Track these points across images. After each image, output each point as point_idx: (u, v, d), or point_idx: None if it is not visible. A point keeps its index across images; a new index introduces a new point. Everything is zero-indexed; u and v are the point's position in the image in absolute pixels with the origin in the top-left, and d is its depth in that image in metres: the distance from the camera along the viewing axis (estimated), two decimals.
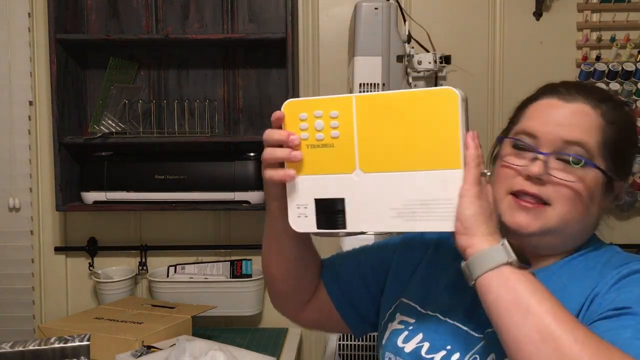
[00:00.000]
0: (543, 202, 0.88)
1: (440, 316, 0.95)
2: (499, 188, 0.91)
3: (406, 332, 0.96)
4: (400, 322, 0.99)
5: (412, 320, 0.97)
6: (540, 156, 0.88)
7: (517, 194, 0.89)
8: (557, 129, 0.89)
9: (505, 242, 0.77)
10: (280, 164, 0.85)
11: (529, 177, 0.88)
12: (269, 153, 0.85)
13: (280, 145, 0.85)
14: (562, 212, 0.88)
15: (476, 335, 0.90)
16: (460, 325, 0.92)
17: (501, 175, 0.92)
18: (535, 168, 0.87)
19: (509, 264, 0.76)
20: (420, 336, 0.94)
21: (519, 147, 0.92)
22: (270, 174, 0.86)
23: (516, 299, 0.74)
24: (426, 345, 0.93)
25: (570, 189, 0.87)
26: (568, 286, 0.87)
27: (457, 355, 0.89)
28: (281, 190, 0.87)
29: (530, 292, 0.74)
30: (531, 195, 0.88)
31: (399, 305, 1.01)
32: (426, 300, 0.99)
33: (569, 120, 0.89)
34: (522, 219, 0.88)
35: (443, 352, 0.90)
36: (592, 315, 0.81)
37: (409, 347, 0.94)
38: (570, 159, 0.88)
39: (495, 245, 0.77)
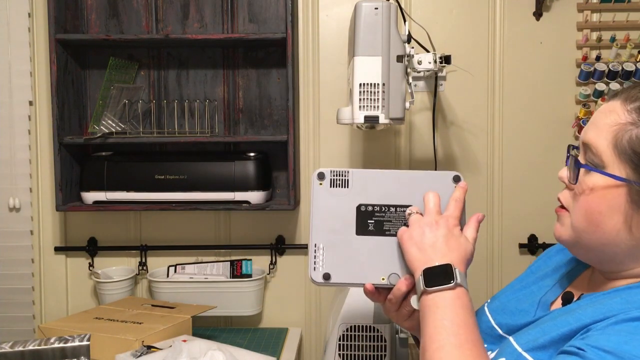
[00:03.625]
0: (563, 206, 0.86)
1: (489, 315, 0.97)
2: None
3: None
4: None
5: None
6: (568, 159, 0.86)
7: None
8: (586, 131, 0.83)
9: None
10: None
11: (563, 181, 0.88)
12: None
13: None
14: (577, 221, 0.82)
15: (502, 334, 0.92)
16: (495, 325, 0.94)
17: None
18: (563, 170, 0.87)
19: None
20: None
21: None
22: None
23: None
24: None
25: (582, 197, 0.81)
26: (579, 313, 0.79)
27: (491, 354, 0.88)
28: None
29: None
30: (560, 201, 0.88)
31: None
32: (495, 300, 1.02)
33: (593, 122, 0.83)
34: (556, 226, 0.88)
35: None
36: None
37: None
38: (584, 164, 0.81)
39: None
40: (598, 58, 1.98)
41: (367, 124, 1.54)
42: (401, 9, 1.75)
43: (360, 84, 1.50)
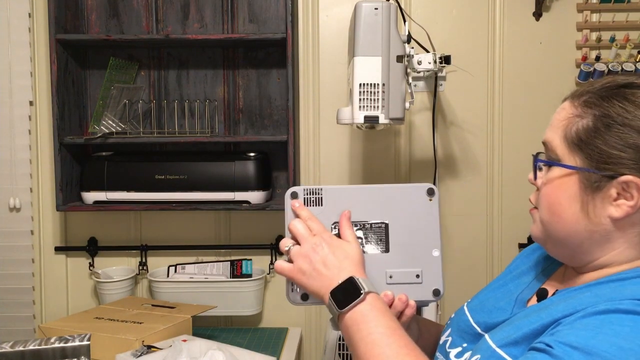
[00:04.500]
0: (534, 206, 0.90)
1: (468, 314, 0.98)
2: None
3: (446, 331, 1.00)
4: (447, 325, 1.02)
5: (448, 322, 1.02)
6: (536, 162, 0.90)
7: None
8: (546, 131, 0.89)
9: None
10: None
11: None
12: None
13: None
14: (542, 215, 0.87)
15: (480, 332, 0.92)
16: (475, 325, 0.94)
17: None
18: (530, 173, 0.90)
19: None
20: (448, 331, 0.99)
21: None
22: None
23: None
24: (449, 340, 0.96)
25: (543, 191, 0.87)
26: (551, 308, 0.80)
27: (468, 353, 0.89)
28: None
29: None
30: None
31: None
32: (475, 299, 1.02)
33: (551, 122, 0.88)
34: (531, 226, 0.91)
35: (459, 349, 0.93)
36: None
37: (442, 340, 0.99)
38: (542, 161, 0.87)
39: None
40: (598, 58, 1.98)
41: (367, 124, 1.54)
42: (401, 9, 1.76)
43: (360, 84, 1.50)
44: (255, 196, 1.94)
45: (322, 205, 0.93)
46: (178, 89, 2.09)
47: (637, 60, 1.97)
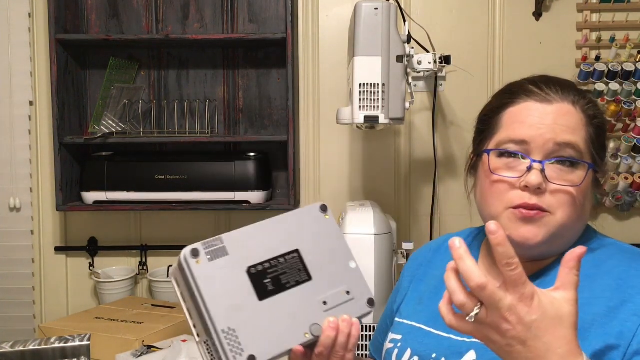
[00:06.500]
0: (544, 210, 0.85)
1: (424, 327, 0.95)
2: (494, 204, 0.88)
3: (397, 350, 0.96)
4: (391, 341, 0.98)
5: (399, 337, 0.97)
6: (536, 164, 0.84)
7: (515, 205, 0.86)
8: (547, 132, 0.85)
9: None
10: None
11: (527, 188, 0.85)
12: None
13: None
14: (564, 218, 0.85)
15: (460, 339, 0.90)
16: (443, 334, 0.92)
17: (495, 190, 0.89)
18: (534, 178, 0.83)
19: None
20: (409, 351, 0.94)
21: (509, 157, 0.88)
22: None
23: None
24: (415, 358, 0.92)
25: (569, 194, 0.85)
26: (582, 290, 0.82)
27: None
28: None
29: None
30: (536, 209, 0.85)
31: (393, 325, 1.02)
32: (413, 314, 0.99)
33: (555, 122, 0.86)
34: (527, 231, 0.85)
35: None
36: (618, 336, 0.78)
37: None
38: (567, 162, 0.85)
39: None
40: (598, 58, 1.98)
41: (367, 124, 1.54)
42: (401, 9, 1.76)
43: (360, 84, 1.50)
44: (255, 196, 1.94)
45: (228, 254, 0.83)
46: (178, 89, 2.09)
47: (637, 60, 1.97)
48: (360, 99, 1.50)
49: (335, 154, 2.09)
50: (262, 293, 0.83)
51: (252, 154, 1.98)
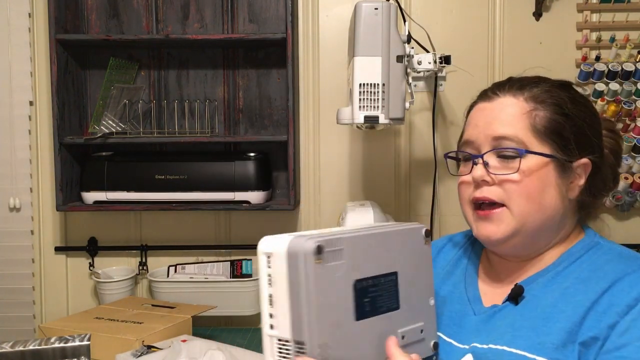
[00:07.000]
0: (499, 205, 0.88)
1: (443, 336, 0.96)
2: (462, 203, 0.94)
3: None
4: None
5: None
6: (477, 159, 0.89)
7: (476, 205, 0.91)
8: (485, 129, 0.90)
9: None
10: None
11: (477, 184, 0.90)
12: None
13: None
14: (519, 209, 0.87)
15: (461, 346, 0.91)
16: (444, 337, 0.93)
17: (460, 190, 0.94)
18: (476, 171, 0.89)
19: None
20: None
21: (463, 158, 0.94)
22: None
23: None
24: None
25: (516, 183, 0.87)
26: (559, 302, 0.85)
27: None
28: None
29: None
30: (484, 201, 0.89)
31: None
32: None
33: (493, 117, 0.90)
34: (486, 229, 0.90)
35: None
36: (597, 331, 0.80)
37: None
38: (503, 152, 0.88)
39: None
40: (598, 58, 1.98)
41: (367, 124, 1.54)
42: (401, 9, 1.76)
43: (360, 84, 1.50)
44: (255, 196, 1.94)
45: (342, 260, 0.75)
46: (178, 89, 2.09)
47: (637, 60, 1.97)
48: (360, 99, 1.50)
49: (335, 154, 2.09)
50: (360, 313, 0.77)
51: (252, 154, 1.98)
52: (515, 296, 0.89)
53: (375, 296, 0.78)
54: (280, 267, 0.74)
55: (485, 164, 0.89)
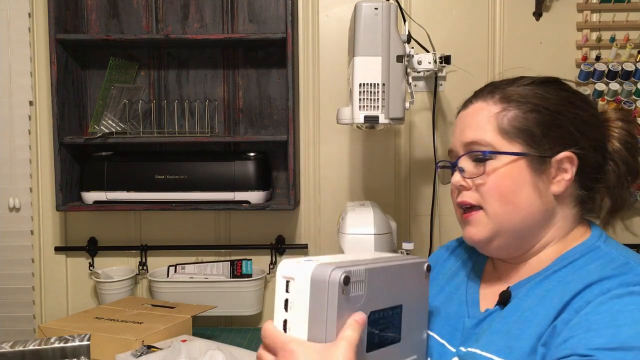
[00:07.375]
0: (477, 207, 0.90)
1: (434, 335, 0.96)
2: (454, 208, 0.97)
3: None
4: None
5: None
6: (455, 166, 0.93)
7: (463, 209, 0.93)
8: (460, 136, 0.93)
9: None
10: None
11: (458, 189, 0.93)
12: None
13: None
14: (493, 210, 0.88)
15: (452, 350, 0.91)
16: (438, 338, 0.94)
17: (451, 196, 0.97)
18: (454, 177, 0.92)
19: None
20: None
21: (444, 167, 0.99)
22: None
23: None
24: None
25: (487, 185, 0.88)
26: (537, 306, 0.84)
27: None
28: None
29: None
30: (465, 205, 0.92)
31: None
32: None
33: (465, 125, 0.93)
34: (468, 231, 0.92)
35: None
36: (555, 342, 0.77)
37: None
38: (475, 156, 0.90)
39: None
40: (598, 58, 1.98)
41: (367, 124, 1.54)
42: (401, 9, 1.76)
43: (360, 84, 1.50)
44: (255, 196, 1.94)
45: (364, 292, 0.75)
46: (178, 89, 2.09)
47: (638, 60, 1.97)
48: (360, 99, 1.50)
49: (335, 153, 2.09)
50: (370, 345, 0.77)
51: (252, 154, 1.98)
52: (504, 300, 0.88)
53: (383, 328, 0.79)
54: (302, 293, 0.73)
55: (461, 170, 0.91)
